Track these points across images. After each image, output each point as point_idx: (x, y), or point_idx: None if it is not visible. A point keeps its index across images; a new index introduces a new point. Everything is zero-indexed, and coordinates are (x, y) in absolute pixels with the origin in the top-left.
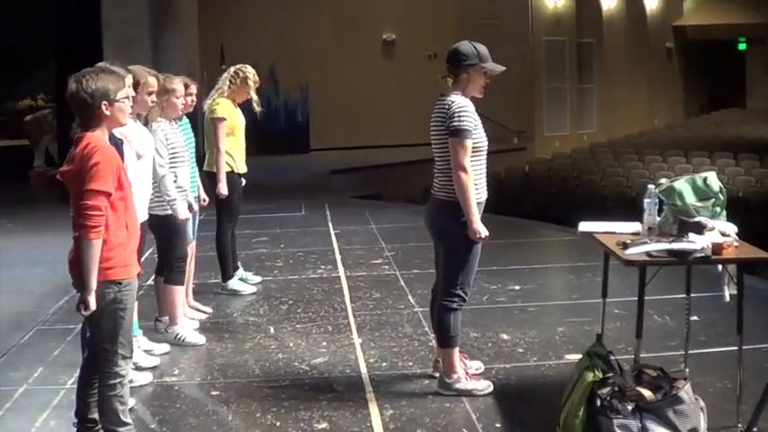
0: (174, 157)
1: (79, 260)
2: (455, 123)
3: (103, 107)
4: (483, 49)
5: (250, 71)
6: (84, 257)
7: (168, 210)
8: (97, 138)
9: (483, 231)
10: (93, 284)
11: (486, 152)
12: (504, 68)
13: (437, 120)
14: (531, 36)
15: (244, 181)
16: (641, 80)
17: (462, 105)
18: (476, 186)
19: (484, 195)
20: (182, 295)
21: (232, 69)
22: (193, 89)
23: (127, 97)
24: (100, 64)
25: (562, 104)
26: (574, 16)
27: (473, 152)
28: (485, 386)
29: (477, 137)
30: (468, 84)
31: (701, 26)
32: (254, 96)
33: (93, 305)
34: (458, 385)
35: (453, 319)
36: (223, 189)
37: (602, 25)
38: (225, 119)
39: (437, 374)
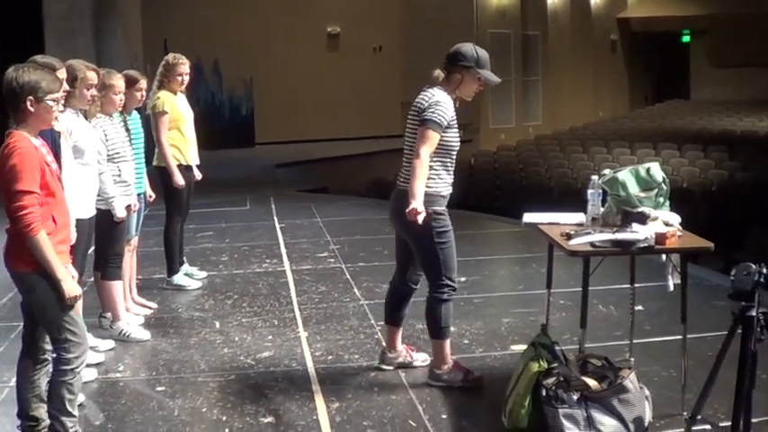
0: (115, 153)
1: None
2: (428, 115)
3: (29, 103)
4: (484, 55)
5: (171, 55)
6: (38, 255)
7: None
8: (20, 137)
9: (421, 213)
10: (60, 273)
11: (457, 151)
12: (499, 81)
13: (414, 109)
14: (475, 29)
15: (198, 174)
16: (586, 72)
17: (441, 101)
18: (444, 180)
19: (449, 189)
20: (121, 290)
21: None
22: (143, 83)
23: (55, 100)
24: (36, 57)
25: (507, 97)
26: (518, 9)
27: (446, 150)
28: (474, 377)
29: (452, 137)
30: (460, 85)
31: (645, 18)
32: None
33: (71, 292)
34: (447, 377)
35: (444, 310)
36: (179, 180)
37: (546, 18)
38: (166, 112)
39: (384, 366)
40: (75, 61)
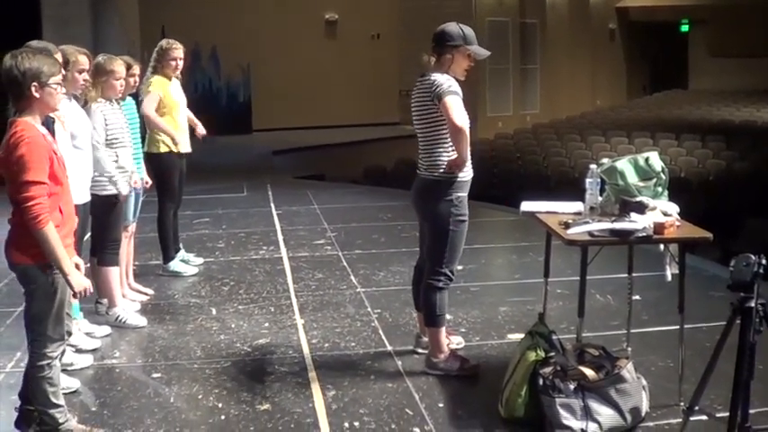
0: (114, 139)
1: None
2: (440, 90)
3: (33, 89)
4: (470, 31)
5: (165, 40)
6: (45, 247)
7: (107, 190)
8: (26, 125)
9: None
10: (67, 267)
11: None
12: (488, 53)
13: (420, 97)
14: (474, 17)
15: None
16: (584, 61)
17: (445, 79)
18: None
19: (470, 174)
20: (117, 276)
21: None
22: (136, 69)
23: (59, 83)
24: (31, 42)
25: (505, 85)
26: None
27: None
28: (470, 365)
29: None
30: (452, 65)
31: (643, 7)
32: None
33: (79, 285)
34: (444, 365)
35: (439, 298)
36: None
37: (545, 6)
38: (158, 93)
39: (419, 350)
40: (66, 46)
